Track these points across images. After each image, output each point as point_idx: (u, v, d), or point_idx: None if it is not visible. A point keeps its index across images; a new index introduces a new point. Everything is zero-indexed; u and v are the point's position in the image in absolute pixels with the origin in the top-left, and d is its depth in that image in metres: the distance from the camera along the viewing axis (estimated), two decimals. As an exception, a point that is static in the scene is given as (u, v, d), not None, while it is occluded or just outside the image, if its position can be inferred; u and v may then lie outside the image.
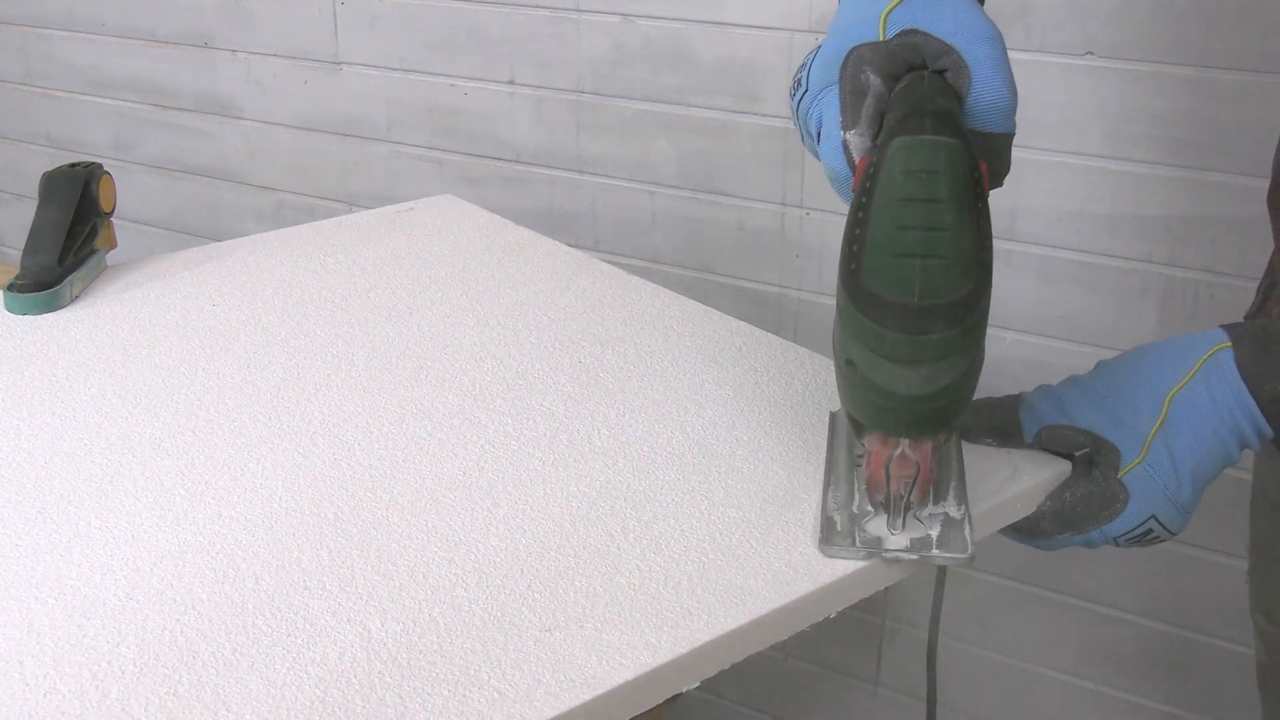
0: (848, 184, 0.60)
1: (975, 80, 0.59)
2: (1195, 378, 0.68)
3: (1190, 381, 0.69)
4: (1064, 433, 0.71)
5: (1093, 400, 0.71)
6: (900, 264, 0.54)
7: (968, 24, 0.60)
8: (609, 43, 1.39)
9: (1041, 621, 1.39)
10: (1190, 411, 0.68)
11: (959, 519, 0.64)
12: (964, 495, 0.66)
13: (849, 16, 0.63)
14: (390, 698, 0.54)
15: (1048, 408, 0.72)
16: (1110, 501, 0.70)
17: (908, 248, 0.54)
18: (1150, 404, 0.69)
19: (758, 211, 1.38)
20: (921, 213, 0.54)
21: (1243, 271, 1.15)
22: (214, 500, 0.69)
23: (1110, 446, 0.70)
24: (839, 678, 1.56)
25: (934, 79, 0.58)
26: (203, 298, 0.96)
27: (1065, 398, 0.72)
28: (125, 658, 0.57)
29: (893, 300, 0.55)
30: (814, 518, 0.66)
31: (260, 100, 1.68)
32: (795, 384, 0.83)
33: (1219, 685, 1.31)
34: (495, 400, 0.81)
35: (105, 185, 1.00)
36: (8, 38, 1.86)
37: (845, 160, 0.60)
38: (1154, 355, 0.71)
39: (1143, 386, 0.70)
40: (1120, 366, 0.72)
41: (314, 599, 0.61)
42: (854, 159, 0.59)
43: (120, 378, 0.83)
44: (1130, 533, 0.71)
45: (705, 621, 0.59)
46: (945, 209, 0.54)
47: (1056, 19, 1.16)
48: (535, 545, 0.65)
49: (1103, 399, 0.71)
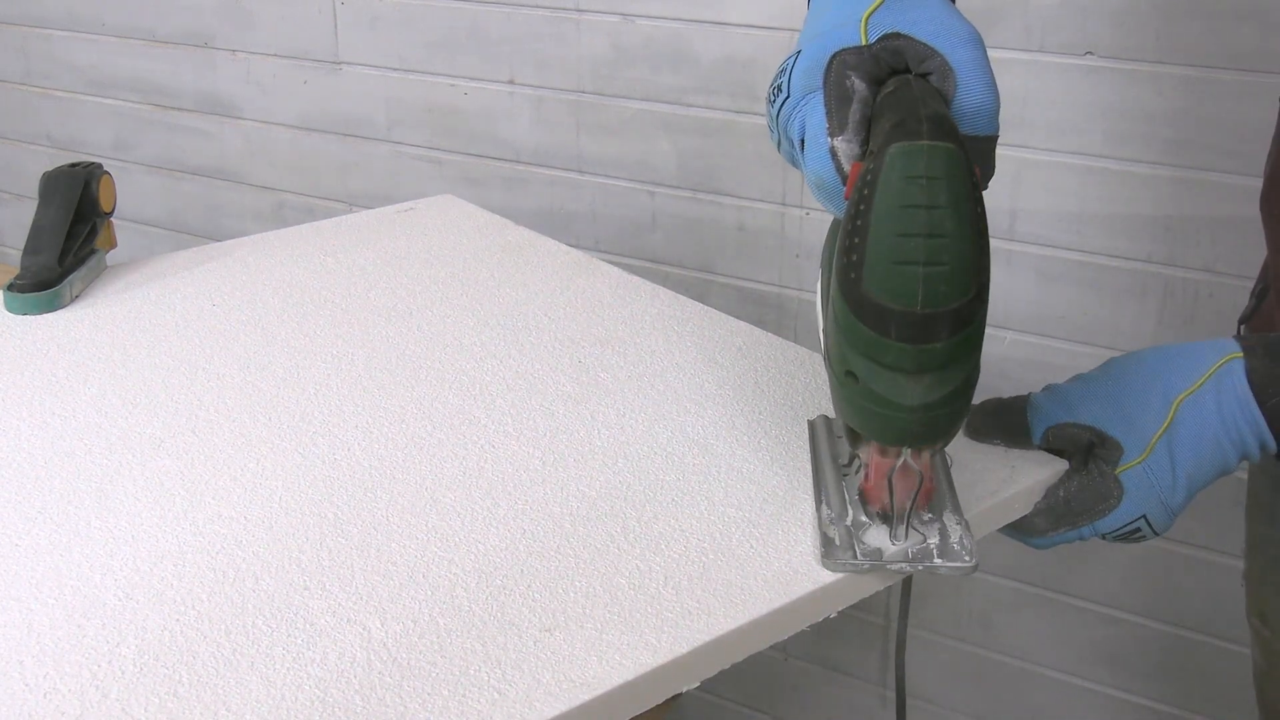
0: (836, 191, 0.59)
1: (960, 84, 0.58)
2: (1205, 385, 0.69)
3: (1200, 389, 0.69)
4: (1071, 431, 0.71)
5: (1100, 397, 0.71)
6: (902, 272, 0.53)
7: (949, 27, 0.59)
8: (609, 43, 1.39)
9: (1041, 621, 1.39)
10: (1196, 418, 0.69)
11: (956, 525, 0.64)
12: (957, 501, 0.66)
13: (828, 21, 0.63)
14: (390, 698, 0.54)
15: (1054, 407, 0.73)
16: (1104, 497, 0.71)
17: (910, 255, 0.53)
18: (1158, 406, 0.69)
19: (758, 211, 1.38)
20: (923, 219, 0.53)
21: (1242, 271, 1.15)
22: (214, 500, 0.69)
23: (1113, 442, 0.70)
24: (839, 678, 1.56)
25: (921, 83, 0.58)
26: (203, 298, 0.96)
27: (1071, 395, 0.73)
28: (125, 658, 0.57)
29: (895, 309, 0.54)
30: (812, 524, 0.66)
31: (260, 100, 1.68)
32: (795, 384, 0.83)
33: (1219, 685, 1.31)
34: (495, 400, 0.81)
35: (105, 185, 1.00)
36: (8, 38, 1.86)
37: (834, 167, 0.59)
38: (1165, 358, 0.71)
39: (1152, 388, 0.70)
40: (1130, 366, 0.72)
41: (314, 599, 0.61)
42: (843, 166, 0.59)
43: (120, 378, 0.83)
44: (1119, 529, 0.72)
45: (705, 622, 0.59)
46: (947, 215, 0.53)
47: (1056, 19, 1.16)
48: (535, 545, 0.65)
49: (1110, 396, 0.71)
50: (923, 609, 1.46)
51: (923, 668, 1.48)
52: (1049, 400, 0.73)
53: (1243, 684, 0.97)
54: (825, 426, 0.74)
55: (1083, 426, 0.71)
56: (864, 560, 0.62)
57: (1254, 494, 0.90)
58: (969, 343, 0.55)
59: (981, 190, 0.55)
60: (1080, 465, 0.72)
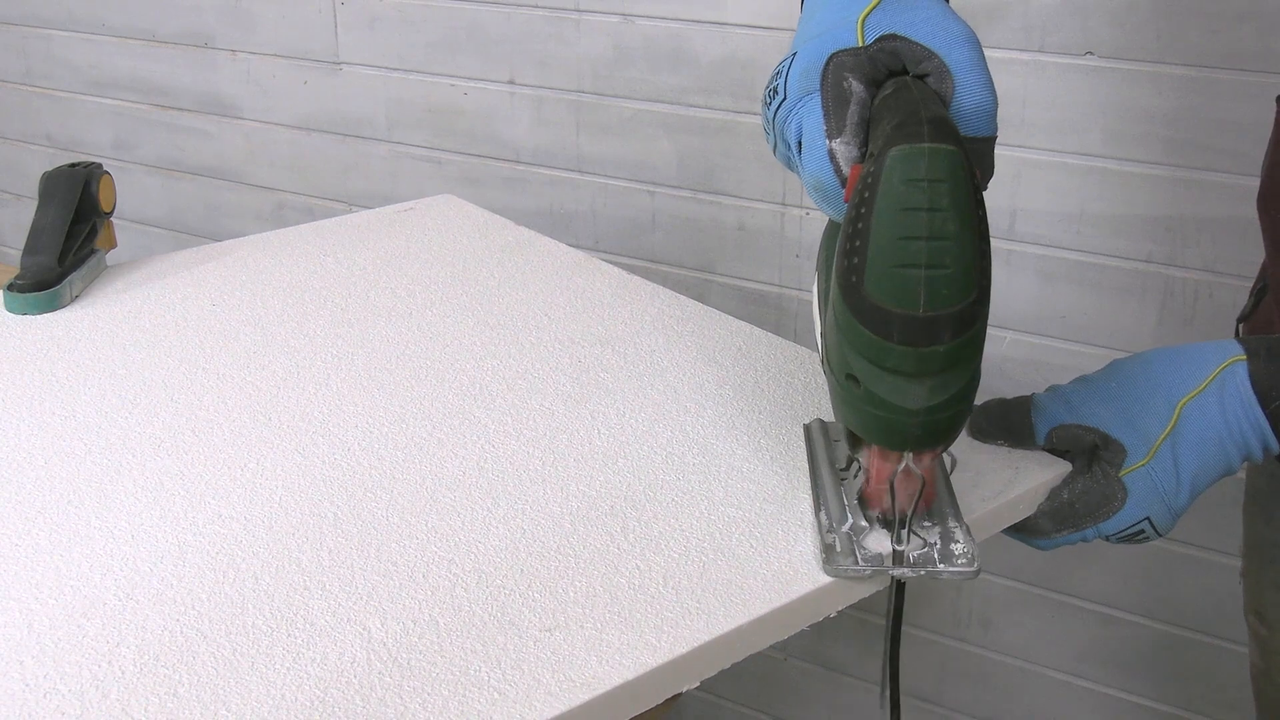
0: (835, 194, 0.59)
1: (958, 85, 0.58)
2: (1209, 388, 0.69)
3: (1203, 392, 0.69)
4: (1074, 432, 0.71)
5: (1104, 399, 0.71)
6: (904, 275, 0.53)
7: (946, 28, 0.59)
8: (609, 43, 1.39)
9: (1041, 621, 1.39)
10: (1200, 421, 0.69)
11: (956, 528, 0.64)
12: (956, 503, 0.66)
13: (823, 22, 0.62)
14: (390, 698, 0.54)
15: (1058, 408, 0.73)
16: (1108, 499, 0.71)
17: (912, 258, 0.53)
18: (1162, 409, 0.70)
19: (758, 211, 1.38)
20: (924, 222, 0.52)
21: (1242, 271, 1.15)
22: (214, 500, 0.69)
23: (1117, 444, 0.70)
24: (839, 678, 1.56)
25: (920, 85, 0.58)
26: (203, 298, 0.96)
27: (1075, 397, 0.73)
28: (125, 658, 0.57)
29: (897, 312, 0.53)
30: (811, 528, 0.66)
31: (260, 100, 1.68)
32: (795, 384, 0.83)
33: (1219, 685, 1.31)
34: (495, 400, 0.81)
35: (105, 185, 1.00)
36: (8, 38, 1.86)
37: (832, 170, 0.59)
38: (1168, 360, 0.71)
39: (1156, 391, 0.70)
40: (1134, 368, 0.72)
41: (314, 599, 0.61)
42: (842, 168, 0.58)
43: (120, 378, 0.83)
44: (1123, 531, 0.72)
45: (705, 621, 0.59)
46: (949, 217, 0.53)
47: (1056, 19, 1.16)
48: (535, 545, 0.65)
49: (1114, 398, 0.71)
50: (923, 609, 1.46)
51: (923, 668, 1.49)
52: (1052, 401, 0.73)
53: (1241, 683, 0.97)
54: (821, 430, 0.73)
55: (1087, 428, 0.71)
56: (865, 566, 0.62)
57: (1252, 493, 0.90)
58: (971, 345, 0.55)
59: (981, 192, 0.55)
60: (1084, 467, 0.72)
